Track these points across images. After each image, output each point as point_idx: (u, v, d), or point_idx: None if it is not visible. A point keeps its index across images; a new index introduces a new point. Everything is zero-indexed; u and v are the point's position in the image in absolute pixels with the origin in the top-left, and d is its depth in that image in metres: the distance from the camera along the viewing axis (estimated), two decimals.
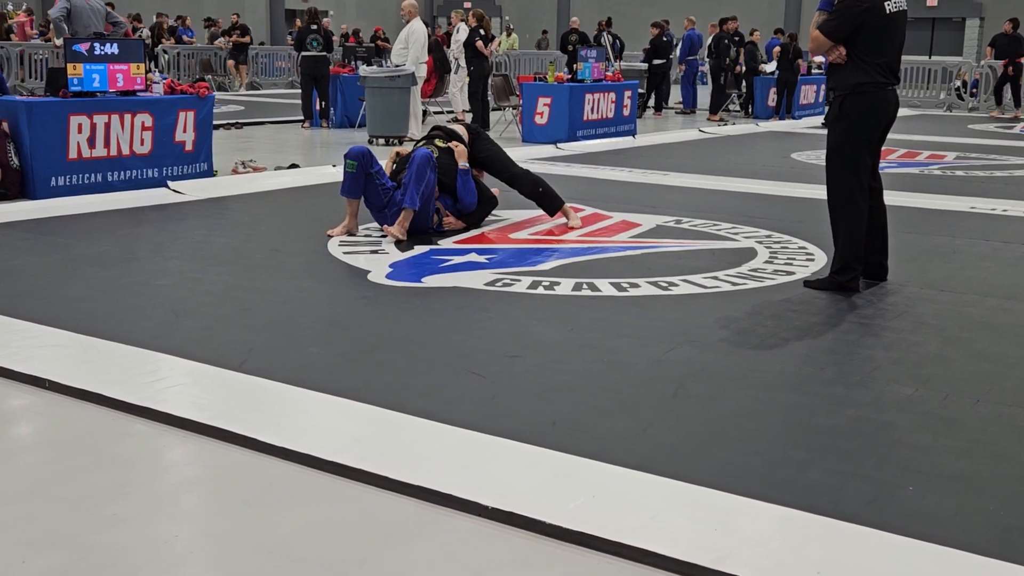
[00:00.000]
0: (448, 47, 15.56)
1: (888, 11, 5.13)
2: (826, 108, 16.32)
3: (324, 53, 14.10)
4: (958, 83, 22.21)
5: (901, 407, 3.58)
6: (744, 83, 19.11)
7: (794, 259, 6.00)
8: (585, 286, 5.24)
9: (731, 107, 19.43)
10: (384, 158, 6.80)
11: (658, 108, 18.83)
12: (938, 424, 3.43)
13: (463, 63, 14.92)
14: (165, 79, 8.79)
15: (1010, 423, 3.46)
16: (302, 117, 14.40)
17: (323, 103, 14.33)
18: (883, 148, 5.46)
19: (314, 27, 14.08)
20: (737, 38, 18.79)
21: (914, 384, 3.83)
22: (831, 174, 5.27)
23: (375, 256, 5.87)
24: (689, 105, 19.27)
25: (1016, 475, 3.03)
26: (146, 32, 21.44)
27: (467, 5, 28.28)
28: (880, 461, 3.10)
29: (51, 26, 14.68)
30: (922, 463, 3.10)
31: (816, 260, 5.97)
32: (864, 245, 5.32)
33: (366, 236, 6.42)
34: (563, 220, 6.92)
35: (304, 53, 14.03)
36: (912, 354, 4.21)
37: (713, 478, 2.93)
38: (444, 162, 6.59)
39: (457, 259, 5.85)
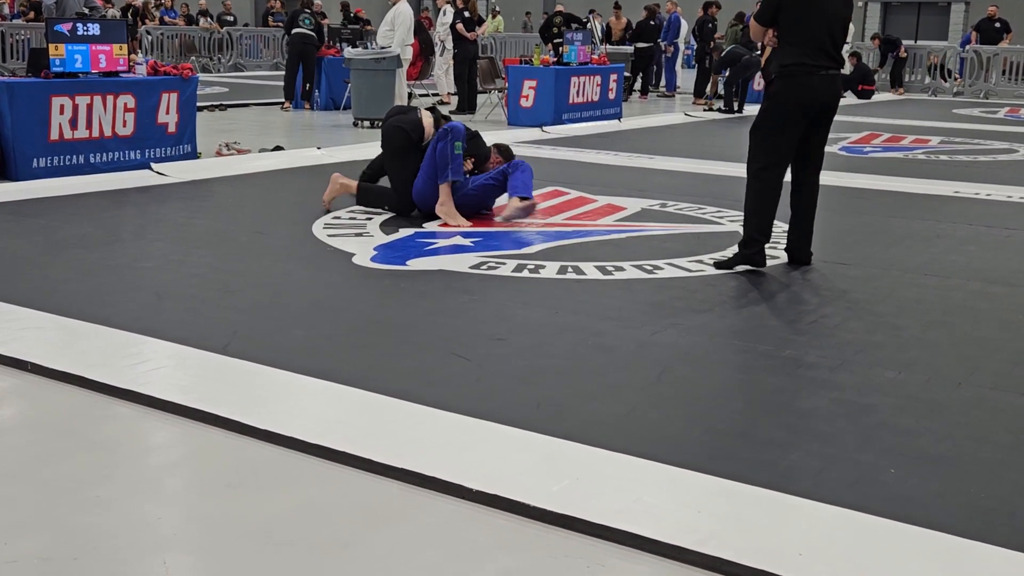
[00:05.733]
0: (434, 29, 15.51)
1: None
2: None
3: (314, 33, 13.98)
4: None
5: (884, 390, 3.60)
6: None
7: (779, 243, 6.00)
8: (570, 269, 5.24)
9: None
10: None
11: (644, 91, 18.81)
12: (920, 407, 3.45)
13: (449, 45, 14.87)
14: (148, 60, 8.73)
15: (992, 406, 3.48)
16: (283, 98, 14.25)
17: (307, 85, 14.13)
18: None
19: (308, 9, 14.00)
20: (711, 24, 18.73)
21: (897, 367, 3.84)
22: (749, 150, 5.39)
23: (360, 239, 5.85)
24: (671, 88, 19.26)
25: (998, 458, 3.05)
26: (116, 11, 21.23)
27: None
28: (862, 444, 3.12)
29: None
30: (904, 446, 3.12)
31: None
32: (793, 230, 5.50)
33: (351, 219, 6.40)
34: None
35: (296, 30, 13.82)
36: (895, 338, 4.23)
37: (696, 460, 2.94)
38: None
39: (442, 242, 5.84)
